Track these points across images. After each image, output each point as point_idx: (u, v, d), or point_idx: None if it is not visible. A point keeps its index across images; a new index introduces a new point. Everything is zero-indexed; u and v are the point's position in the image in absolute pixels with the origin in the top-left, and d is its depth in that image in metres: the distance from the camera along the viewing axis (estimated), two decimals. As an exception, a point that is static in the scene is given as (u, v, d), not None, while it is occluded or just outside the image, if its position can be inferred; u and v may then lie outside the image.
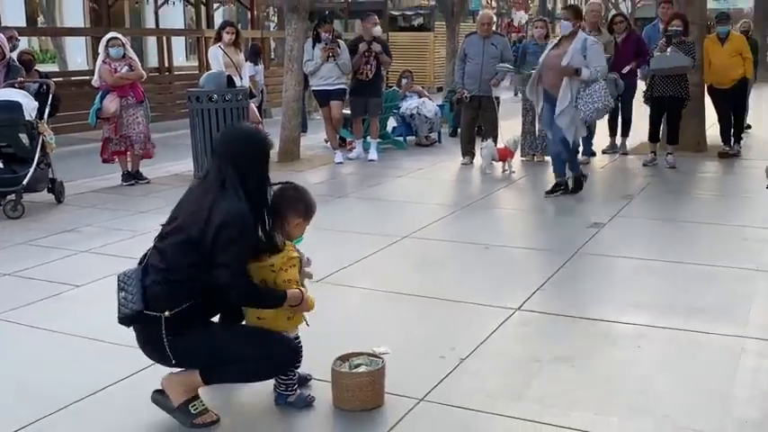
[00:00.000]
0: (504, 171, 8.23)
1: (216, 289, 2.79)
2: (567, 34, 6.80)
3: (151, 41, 18.18)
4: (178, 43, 21.87)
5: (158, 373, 3.13)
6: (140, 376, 3.30)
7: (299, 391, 3.07)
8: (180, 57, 22.59)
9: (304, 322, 3.07)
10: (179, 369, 2.96)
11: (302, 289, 2.96)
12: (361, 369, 3.08)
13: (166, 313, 2.77)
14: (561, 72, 6.64)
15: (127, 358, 3.36)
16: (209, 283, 2.79)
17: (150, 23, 20.21)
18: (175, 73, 16.36)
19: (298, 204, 3.01)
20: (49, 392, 3.24)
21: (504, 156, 8.24)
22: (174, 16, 22.79)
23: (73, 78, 14.17)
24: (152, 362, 3.04)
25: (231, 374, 2.97)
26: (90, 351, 3.67)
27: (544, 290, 4.44)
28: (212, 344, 2.89)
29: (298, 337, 3.07)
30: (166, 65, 15.91)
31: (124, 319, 2.86)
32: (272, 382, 3.09)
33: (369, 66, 8.98)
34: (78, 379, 3.35)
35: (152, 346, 2.89)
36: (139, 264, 2.94)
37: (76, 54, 20.31)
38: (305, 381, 3.17)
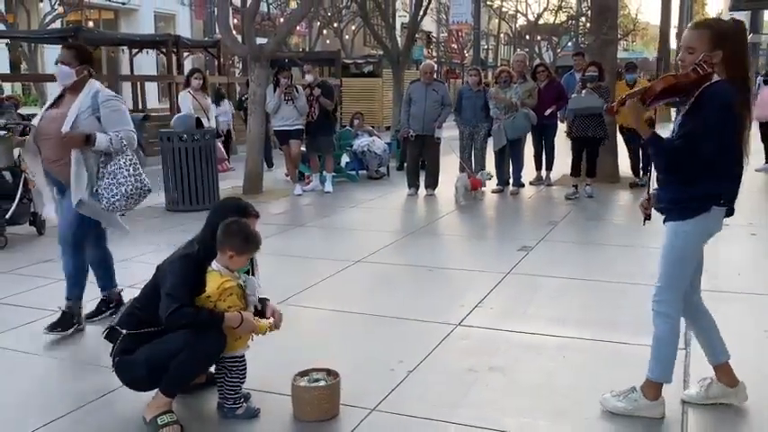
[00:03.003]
0: (474, 197, 8.37)
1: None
2: (69, 85, 4.06)
3: (126, 86, 17.90)
4: (151, 88, 21.62)
5: (132, 392, 3.06)
6: (117, 394, 3.21)
7: (245, 404, 3.04)
8: (153, 100, 22.29)
9: (251, 339, 3.03)
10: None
11: (243, 313, 2.89)
12: (321, 383, 3.04)
13: (124, 331, 2.93)
14: (65, 142, 3.91)
15: (103, 378, 3.27)
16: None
17: (126, 70, 19.88)
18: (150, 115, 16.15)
19: (234, 239, 2.88)
20: (27, 411, 3.12)
21: (476, 185, 8.40)
22: (148, 63, 22.51)
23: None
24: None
25: (174, 372, 2.85)
26: (63, 373, 3.57)
27: (481, 307, 4.47)
28: (144, 357, 2.88)
29: (243, 357, 3.01)
30: (141, 107, 15.72)
31: (105, 336, 3.04)
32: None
33: (313, 108, 9.03)
34: (50, 399, 3.25)
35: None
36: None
37: (57, 97, 19.86)
38: (248, 397, 3.12)
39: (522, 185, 9.22)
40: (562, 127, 9.44)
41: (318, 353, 3.61)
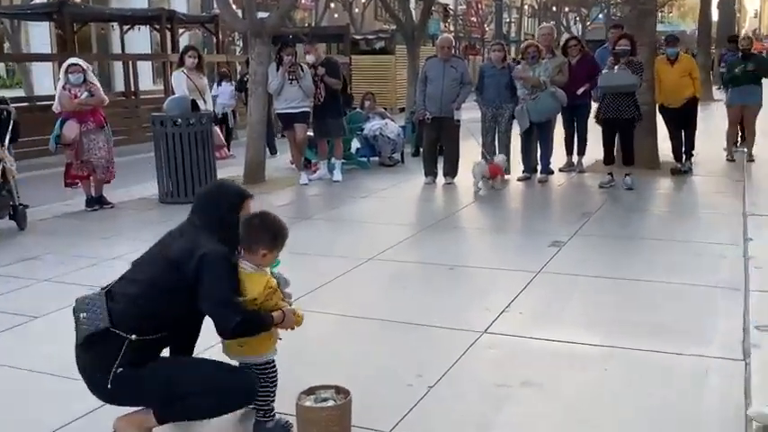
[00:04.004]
0: (492, 187, 8.16)
1: (215, 326, 2.71)
2: None
3: (118, 66, 17.80)
4: (145, 68, 21.50)
5: (116, 412, 2.91)
6: (97, 414, 3.06)
7: (276, 417, 2.94)
8: (147, 81, 22.17)
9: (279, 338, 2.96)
10: (132, 409, 2.77)
11: (283, 307, 2.86)
12: (329, 403, 2.88)
13: (132, 336, 2.63)
14: None
15: (84, 396, 3.12)
16: (181, 317, 2.73)
17: (117, 48, 19.76)
18: (142, 97, 16.04)
19: (263, 235, 2.81)
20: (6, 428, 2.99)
21: (495, 173, 8.20)
22: (141, 41, 22.37)
23: (39, 103, 13.74)
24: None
25: (186, 410, 2.76)
26: (46, 388, 3.43)
27: (509, 311, 4.30)
28: (164, 379, 2.70)
29: (273, 362, 2.92)
30: (132, 89, 15.61)
31: (85, 339, 2.66)
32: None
33: (319, 90, 8.85)
34: (32, 418, 3.12)
35: (97, 372, 2.67)
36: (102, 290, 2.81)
37: (43, 79, 19.83)
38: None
39: (552, 172, 9.02)
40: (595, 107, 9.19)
41: (326, 366, 3.47)
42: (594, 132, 9.32)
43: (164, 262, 2.75)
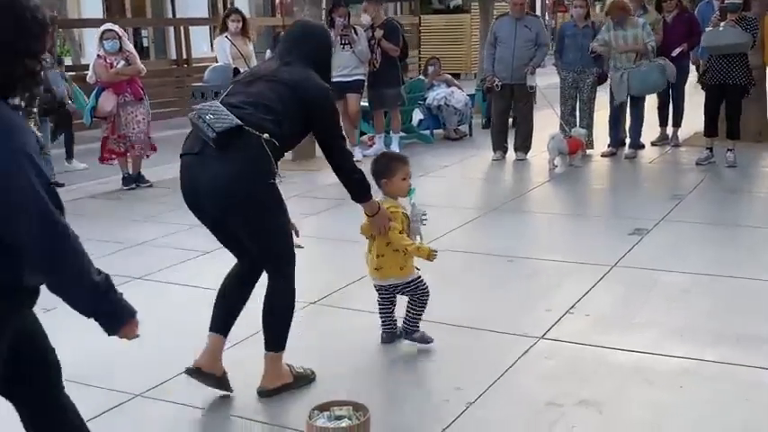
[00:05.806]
0: (570, 164, 7.92)
1: (332, 156, 3.25)
2: None
3: (170, 31, 18.01)
4: (202, 33, 21.72)
5: (126, 414, 2.87)
6: (105, 418, 3.01)
7: (421, 330, 3.60)
8: (205, 47, 22.40)
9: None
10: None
11: (382, 206, 3.40)
12: (343, 424, 2.71)
13: (265, 135, 2.88)
14: None
15: (96, 398, 3.10)
16: (291, 135, 3.09)
17: (168, 12, 20.07)
18: (194, 65, 16.18)
19: (396, 163, 3.56)
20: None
21: (576, 148, 7.92)
22: (198, 4, 22.63)
23: (83, 72, 14.02)
24: (116, 403, 2.95)
25: (279, 315, 3.15)
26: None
27: (574, 312, 4.05)
28: (277, 226, 3.12)
29: (419, 278, 3.57)
30: (185, 56, 15.76)
31: (219, 135, 2.83)
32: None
33: (374, 55, 8.65)
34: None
35: (246, 174, 2.92)
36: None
37: (93, 47, 20.35)
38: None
39: (642, 147, 8.69)
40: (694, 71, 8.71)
41: (348, 375, 3.32)
42: (692, 99, 8.84)
43: (277, 83, 3.02)
